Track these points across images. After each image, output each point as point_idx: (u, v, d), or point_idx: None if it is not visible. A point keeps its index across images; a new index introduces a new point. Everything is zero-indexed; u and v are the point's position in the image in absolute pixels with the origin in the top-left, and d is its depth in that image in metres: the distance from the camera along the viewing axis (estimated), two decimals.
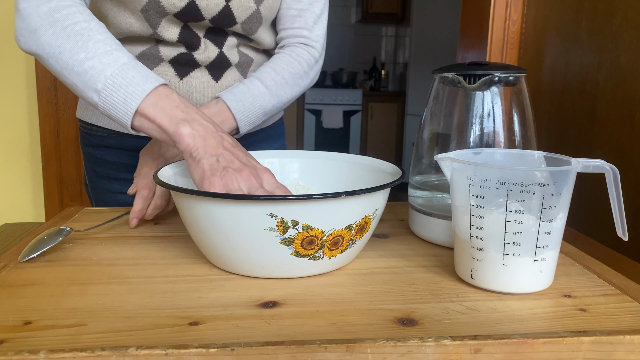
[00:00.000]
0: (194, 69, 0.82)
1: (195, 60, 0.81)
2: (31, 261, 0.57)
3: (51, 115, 1.64)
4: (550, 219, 0.48)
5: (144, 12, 0.75)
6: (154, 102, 0.60)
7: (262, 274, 0.53)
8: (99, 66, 0.61)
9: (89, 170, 0.93)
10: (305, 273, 0.53)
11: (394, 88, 5.07)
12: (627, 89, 1.14)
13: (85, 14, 0.65)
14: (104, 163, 0.89)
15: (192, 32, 0.80)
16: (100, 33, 0.64)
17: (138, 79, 0.61)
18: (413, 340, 0.40)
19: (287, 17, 0.86)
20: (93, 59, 0.61)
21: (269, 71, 0.81)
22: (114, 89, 0.60)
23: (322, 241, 0.50)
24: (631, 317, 0.45)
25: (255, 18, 0.81)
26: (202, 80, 0.83)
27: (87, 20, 0.64)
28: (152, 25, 0.76)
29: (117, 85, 0.60)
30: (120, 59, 0.62)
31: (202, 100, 0.84)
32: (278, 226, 0.48)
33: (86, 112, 0.89)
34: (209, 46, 0.81)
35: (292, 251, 0.50)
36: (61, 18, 0.63)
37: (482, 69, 0.61)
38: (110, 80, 0.60)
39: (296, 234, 0.49)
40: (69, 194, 1.70)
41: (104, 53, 0.62)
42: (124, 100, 0.60)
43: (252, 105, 0.77)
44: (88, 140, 0.91)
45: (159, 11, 0.75)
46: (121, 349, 0.38)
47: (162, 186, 0.53)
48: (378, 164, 0.66)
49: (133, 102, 0.60)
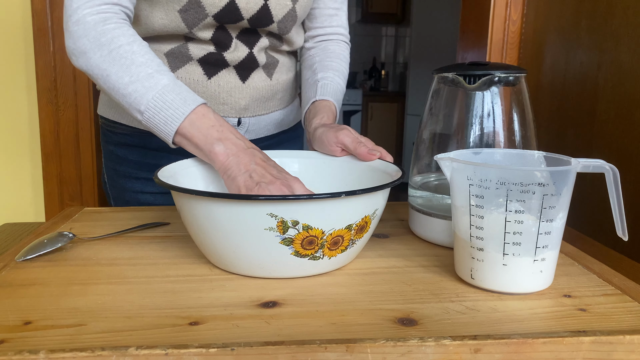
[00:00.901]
0: (222, 68, 0.83)
1: (224, 59, 0.82)
2: (31, 261, 0.57)
3: (51, 115, 1.64)
4: (550, 219, 0.48)
5: (183, 12, 0.75)
6: (191, 122, 0.64)
7: (262, 274, 0.53)
8: (141, 90, 0.65)
9: (108, 168, 0.92)
10: (305, 273, 0.53)
11: (394, 88, 5.07)
12: (627, 89, 1.14)
13: (127, 35, 0.67)
14: (125, 162, 0.89)
15: (226, 32, 0.80)
16: (142, 55, 0.66)
17: (177, 102, 0.64)
18: (413, 340, 0.40)
19: (324, 16, 0.92)
20: (136, 83, 0.65)
21: (340, 62, 0.90)
22: (155, 112, 0.64)
23: (322, 241, 0.50)
24: (631, 317, 0.45)
25: (291, 17, 0.83)
26: (230, 80, 0.84)
27: (129, 43, 0.67)
28: (188, 25, 0.77)
29: (158, 108, 0.64)
30: (161, 82, 0.65)
31: (228, 100, 0.85)
32: (278, 226, 0.48)
33: (109, 110, 0.89)
34: (239, 46, 0.82)
35: (292, 251, 0.50)
36: (106, 42, 0.66)
37: (482, 69, 0.61)
38: (152, 103, 0.64)
39: (296, 234, 0.49)
40: (69, 194, 1.70)
41: (146, 76, 0.65)
42: (165, 122, 0.64)
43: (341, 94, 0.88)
44: (110, 138, 0.90)
45: (199, 12, 0.76)
46: (121, 349, 0.38)
47: (162, 186, 0.53)
48: (378, 164, 0.66)
49: (173, 124, 0.64)
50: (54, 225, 0.70)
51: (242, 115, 0.88)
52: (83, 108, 1.66)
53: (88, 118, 1.67)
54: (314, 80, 0.86)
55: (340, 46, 0.94)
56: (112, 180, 0.92)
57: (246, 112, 0.88)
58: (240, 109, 0.87)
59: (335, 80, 0.86)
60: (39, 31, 1.57)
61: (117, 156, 0.90)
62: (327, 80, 0.85)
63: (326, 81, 0.85)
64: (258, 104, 0.89)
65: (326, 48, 0.92)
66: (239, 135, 0.64)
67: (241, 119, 0.88)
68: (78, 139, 1.67)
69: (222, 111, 0.86)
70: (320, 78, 0.86)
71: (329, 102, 0.82)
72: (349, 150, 0.70)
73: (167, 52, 0.81)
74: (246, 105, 0.87)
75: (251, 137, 0.91)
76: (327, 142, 0.71)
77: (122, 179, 0.90)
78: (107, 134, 0.91)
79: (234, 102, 0.85)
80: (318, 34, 0.93)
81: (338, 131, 0.71)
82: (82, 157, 1.68)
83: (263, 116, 0.91)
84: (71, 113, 1.67)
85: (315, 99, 0.82)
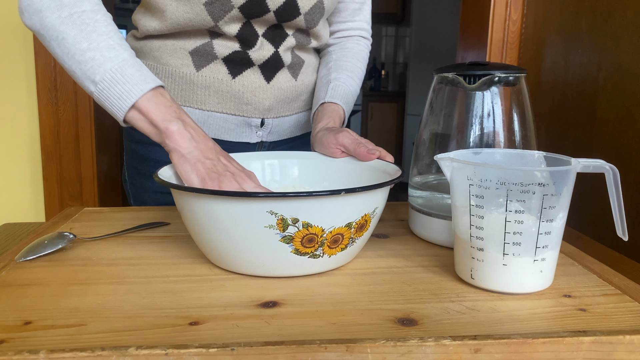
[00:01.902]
0: (247, 68, 0.82)
1: (249, 58, 0.81)
2: (31, 261, 0.57)
3: (51, 115, 1.64)
4: (550, 219, 0.48)
5: (208, 5, 0.74)
6: (149, 98, 0.62)
7: (262, 272, 0.53)
8: (99, 58, 0.62)
9: (129, 166, 0.91)
10: (305, 272, 0.53)
11: (394, 88, 5.07)
12: (627, 89, 1.14)
13: (93, 2, 0.65)
14: (146, 160, 0.87)
15: (252, 28, 0.79)
16: (106, 25, 0.64)
17: (136, 78, 0.62)
18: (413, 340, 0.40)
19: (349, 10, 0.91)
20: (95, 51, 0.62)
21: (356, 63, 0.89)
22: (112, 84, 0.62)
23: (322, 239, 0.50)
24: (631, 317, 0.45)
25: (318, 9, 0.82)
26: (254, 80, 0.83)
27: (94, 10, 0.64)
28: (214, 18, 0.76)
29: (115, 80, 0.62)
30: (122, 55, 0.63)
31: (252, 100, 0.84)
32: (278, 224, 0.48)
33: None
34: (264, 45, 0.81)
35: (292, 249, 0.50)
36: (69, 3, 0.64)
37: (482, 69, 0.61)
38: (109, 74, 0.62)
39: (296, 232, 0.49)
40: (69, 194, 1.70)
41: (107, 47, 0.63)
42: (120, 96, 0.62)
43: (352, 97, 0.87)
44: (132, 135, 0.89)
45: (224, 3, 0.75)
46: (121, 349, 0.38)
47: (163, 184, 0.53)
48: (378, 164, 0.66)
49: (128, 99, 0.62)
50: (54, 225, 0.70)
51: (265, 116, 0.87)
52: (83, 108, 1.66)
53: (88, 118, 1.67)
54: (327, 80, 0.86)
55: (360, 44, 0.92)
56: (133, 179, 0.90)
57: (270, 113, 0.87)
58: (264, 110, 0.86)
59: (348, 82, 0.85)
60: None
61: (138, 154, 0.88)
62: (339, 81, 0.85)
63: (338, 82, 0.84)
64: (282, 105, 0.88)
65: (345, 46, 0.91)
66: (194, 122, 0.63)
67: (264, 119, 0.87)
68: (78, 139, 1.67)
69: (246, 111, 0.85)
70: (333, 79, 0.85)
71: (337, 105, 0.82)
72: (349, 152, 0.70)
73: (191, 51, 0.80)
74: (270, 106, 0.86)
75: (274, 138, 0.91)
76: (327, 144, 0.71)
77: (142, 178, 0.89)
78: (129, 131, 0.89)
79: (258, 102, 0.84)
80: (340, 29, 0.92)
81: (338, 133, 0.70)
82: (82, 157, 1.68)
83: (286, 117, 0.90)
84: (71, 113, 1.67)
85: (325, 100, 0.82)
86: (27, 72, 1.61)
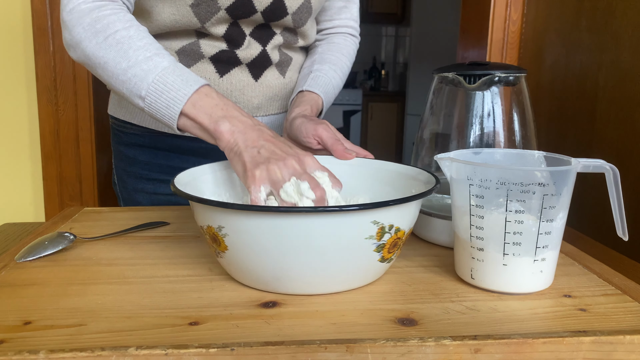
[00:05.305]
0: (234, 66, 0.82)
1: (236, 57, 0.81)
2: (31, 261, 0.57)
3: (51, 115, 1.64)
4: (550, 219, 0.48)
5: (194, 6, 0.74)
6: (194, 102, 0.61)
7: (340, 288, 0.50)
8: (140, 74, 0.63)
9: (118, 169, 0.91)
10: (377, 277, 0.52)
11: (394, 88, 5.07)
12: (627, 89, 1.14)
13: (124, 20, 0.66)
14: (135, 162, 0.88)
15: (239, 29, 0.79)
16: (140, 39, 0.65)
17: (179, 84, 0.62)
18: (413, 340, 0.40)
19: (334, 8, 0.92)
20: (134, 67, 0.63)
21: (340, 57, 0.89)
22: (157, 95, 0.62)
23: (401, 242, 0.50)
24: (631, 317, 0.45)
25: (306, 8, 0.82)
26: (242, 78, 0.83)
27: (126, 28, 0.65)
28: (201, 19, 0.75)
29: (160, 91, 0.62)
30: (161, 64, 0.63)
31: (241, 99, 0.84)
32: (377, 233, 0.47)
33: (119, 109, 0.88)
34: (252, 44, 0.81)
35: (379, 257, 0.49)
36: (102, 29, 0.64)
37: (482, 69, 0.61)
38: (152, 87, 0.62)
39: (389, 238, 0.48)
40: (68, 194, 1.70)
41: (144, 60, 0.63)
42: (167, 105, 0.62)
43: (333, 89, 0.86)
44: (120, 138, 0.89)
45: (211, 5, 0.74)
46: (121, 349, 0.38)
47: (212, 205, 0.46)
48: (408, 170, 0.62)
49: (175, 107, 0.62)
50: (54, 225, 0.70)
51: (255, 114, 0.87)
52: (83, 108, 1.66)
53: (88, 118, 1.67)
54: (309, 71, 0.85)
55: (346, 40, 0.92)
56: (122, 181, 0.91)
57: (259, 111, 0.87)
58: (253, 108, 0.86)
59: (330, 74, 0.85)
60: (39, 31, 1.57)
61: (127, 157, 0.89)
62: (321, 72, 0.84)
63: (319, 73, 0.84)
64: (271, 102, 0.88)
65: (331, 40, 0.91)
66: (245, 113, 0.62)
67: None
68: (78, 139, 1.67)
69: None
70: (315, 69, 0.85)
71: (316, 94, 0.81)
72: (325, 146, 0.69)
73: (178, 50, 0.80)
74: (259, 104, 0.86)
75: None
76: (305, 134, 0.70)
77: (132, 179, 0.89)
78: (117, 134, 0.90)
79: (247, 100, 0.84)
80: (327, 27, 0.92)
81: (317, 124, 0.70)
82: (82, 157, 1.68)
83: (277, 115, 0.90)
84: (71, 113, 1.67)
85: (303, 88, 0.81)
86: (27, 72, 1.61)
